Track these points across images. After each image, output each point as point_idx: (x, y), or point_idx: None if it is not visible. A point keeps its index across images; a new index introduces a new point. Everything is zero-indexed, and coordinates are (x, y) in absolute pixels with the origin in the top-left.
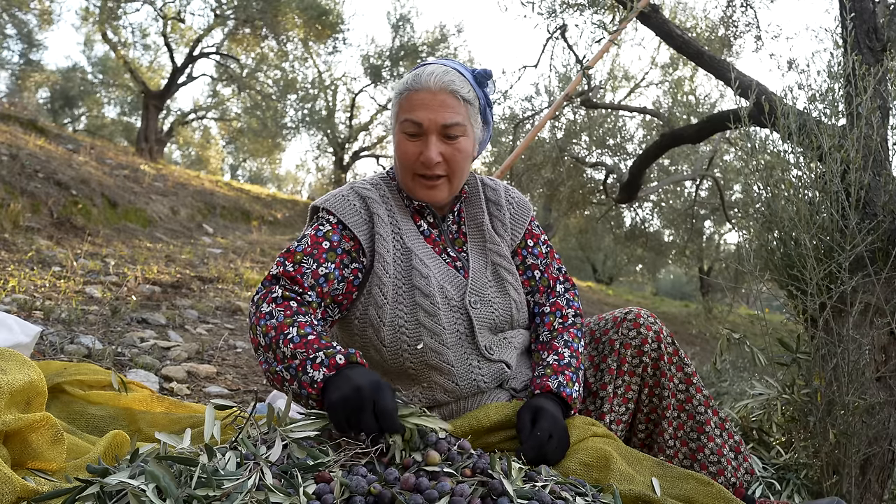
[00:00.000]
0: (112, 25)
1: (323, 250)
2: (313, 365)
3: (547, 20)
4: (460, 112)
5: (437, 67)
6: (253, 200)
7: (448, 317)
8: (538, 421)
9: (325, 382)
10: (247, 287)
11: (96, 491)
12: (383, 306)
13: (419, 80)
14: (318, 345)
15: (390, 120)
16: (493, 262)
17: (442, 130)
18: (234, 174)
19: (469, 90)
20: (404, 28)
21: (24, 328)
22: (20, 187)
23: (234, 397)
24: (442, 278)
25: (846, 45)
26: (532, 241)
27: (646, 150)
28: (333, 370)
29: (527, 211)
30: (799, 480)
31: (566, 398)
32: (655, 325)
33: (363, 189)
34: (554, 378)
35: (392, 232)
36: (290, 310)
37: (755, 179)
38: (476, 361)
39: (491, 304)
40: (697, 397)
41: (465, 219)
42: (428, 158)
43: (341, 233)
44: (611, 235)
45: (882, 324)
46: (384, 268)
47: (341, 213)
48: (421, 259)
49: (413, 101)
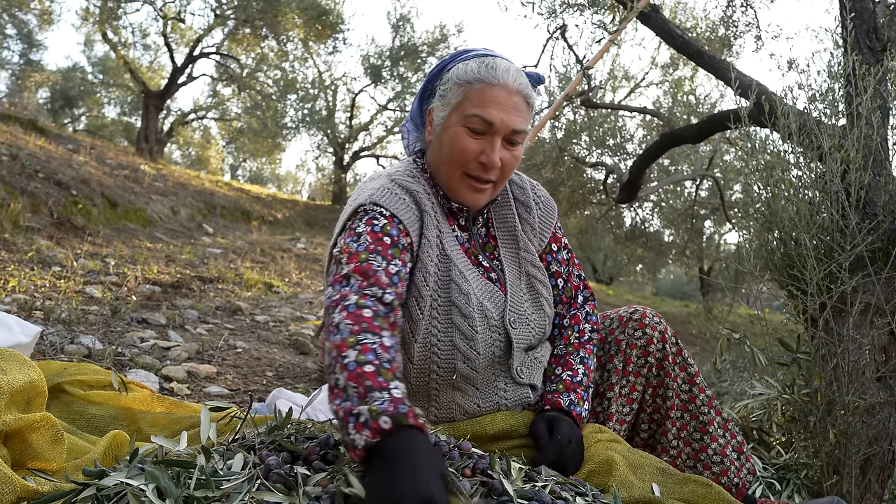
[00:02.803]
0: (112, 25)
1: (387, 246)
2: (356, 425)
3: (547, 20)
4: (527, 118)
5: (510, 64)
6: (253, 200)
7: (485, 339)
8: (556, 429)
9: (367, 451)
10: (247, 287)
11: (93, 493)
12: (418, 322)
13: (495, 75)
14: (373, 383)
15: (441, 109)
16: (528, 272)
17: (509, 135)
18: (234, 174)
19: (534, 96)
20: (404, 28)
21: (24, 328)
22: (20, 187)
23: (234, 397)
24: (482, 295)
25: (846, 45)
26: (556, 246)
27: (646, 150)
28: (377, 436)
29: (552, 211)
30: (799, 480)
31: (575, 417)
32: (660, 326)
33: (406, 181)
34: (566, 395)
35: (436, 235)
36: (359, 324)
37: (755, 179)
38: (504, 384)
39: (528, 322)
40: (701, 398)
41: (494, 220)
42: (493, 161)
43: (398, 227)
44: (611, 235)
45: (882, 324)
46: (425, 279)
47: (393, 207)
48: (461, 271)
49: (486, 96)
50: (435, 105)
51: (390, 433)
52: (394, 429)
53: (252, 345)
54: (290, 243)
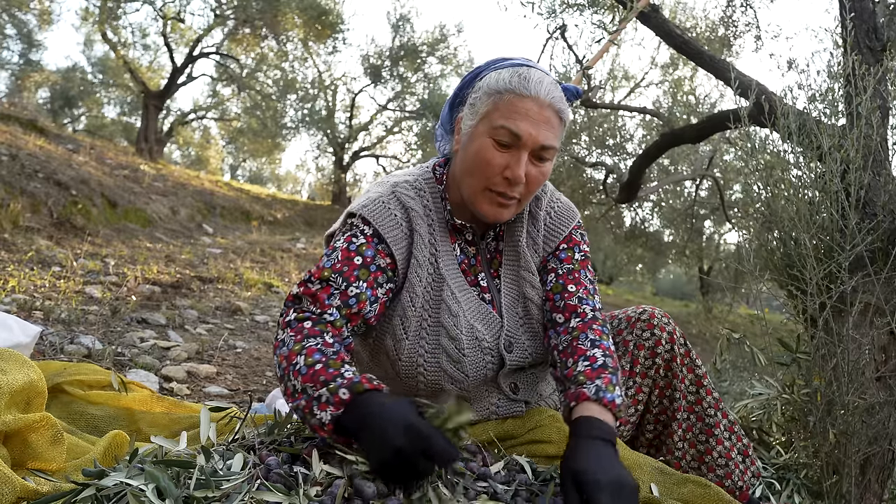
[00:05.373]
0: (112, 25)
1: (355, 266)
2: (320, 405)
3: (547, 20)
4: (558, 134)
5: (544, 75)
6: (253, 200)
7: (474, 361)
8: (588, 493)
9: (334, 423)
10: (246, 287)
11: (93, 494)
12: (402, 341)
13: (527, 86)
14: (325, 376)
15: (469, 117)
16: (526, 295)
17: (537, 150)
18: (233, 174)
19: (568, 111)
20: (404, 28)
21: (23, 328)
22: (20, 187)
23: (234, 397)
24: (473, 316)
25: (846, 45)
26: (565, 245)
27: (646, 150)
28: (340, 407)
29: (565, 220)
30: (799, 480)
31: (608, 405)
32: (669, 326)
33: (406, 196)
34: (590, 384)
35: (429, 255)
36: (300, 334)
37: (755, 179)
38: (497, 399)
39: (524, 347)
40: (707, 399)
41: (505, 234)
42: (517, 176)
43: (376, 247)
44: (611, 235)
45: (882, 324)
46: (411, 299)
47: (379, 225)
48: (453, 292)
49: (516, 107)
50: (464, 113)
51: (350, 402)
52: (353, 397)
53: (252, 345)
54: (290, 243)
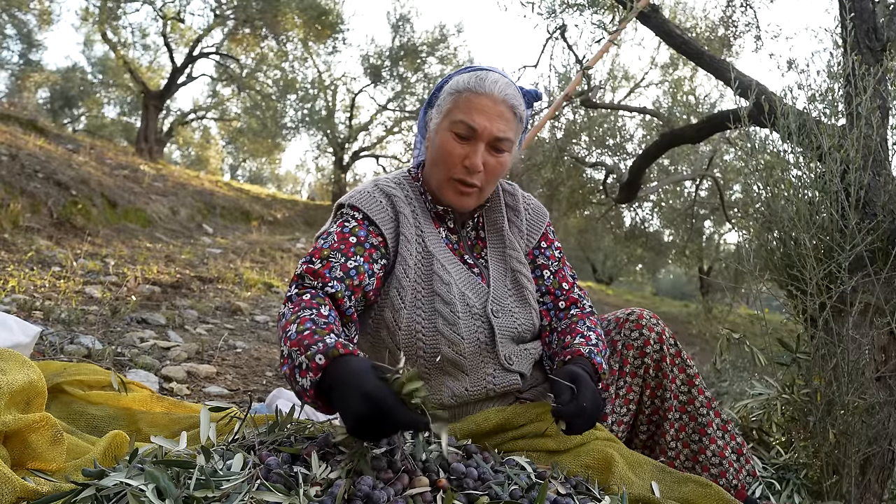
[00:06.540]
0: (112, 25)
1: (351, 244)
2: (301, 372)
3: (547, 20)
4: (512, 128)
5: (501, 77)
6: (253, 200)
7: (468, 326)
8: (578, 386)
9: (315, 388)
10: (246, 287)
11: (93, 494)
12: (400, 310)
13: (483, 85)
14: (309, 341)
15: (435, 116)
16: (513, 268)
17: (493, 142)
18: (233, 174)
19: (523, 108)
20: (404, 28)
21: (23, 328)
22: (20, 187)
23: (234, 397)
24: (463, 285)
25: (846, 45)
26: (545, 244)
27: (646, 150)
28: (318, 373)
29: (543, 217)
30: (799, 480)
31: (597, 366)
32: (658, 327)
33: (388, 187)
34: (584, 348)
35: (416, 234)
36: (298, 306)
37: (755, 179)
38: (492, 370)
39: (512, 314)
40: (700, 399)
41: (485, 224)
42: (474, 164)
43: (368, 228)
44: (611, 235)
45: (882, 324)
46: (405, 271)
47: (367, 209)
48: (442, 264)
49: (472, 103)
50: (432, 114)
51: (327, 367)
52: (328, 363)
53: (252, 345)
54: (290, 243)
